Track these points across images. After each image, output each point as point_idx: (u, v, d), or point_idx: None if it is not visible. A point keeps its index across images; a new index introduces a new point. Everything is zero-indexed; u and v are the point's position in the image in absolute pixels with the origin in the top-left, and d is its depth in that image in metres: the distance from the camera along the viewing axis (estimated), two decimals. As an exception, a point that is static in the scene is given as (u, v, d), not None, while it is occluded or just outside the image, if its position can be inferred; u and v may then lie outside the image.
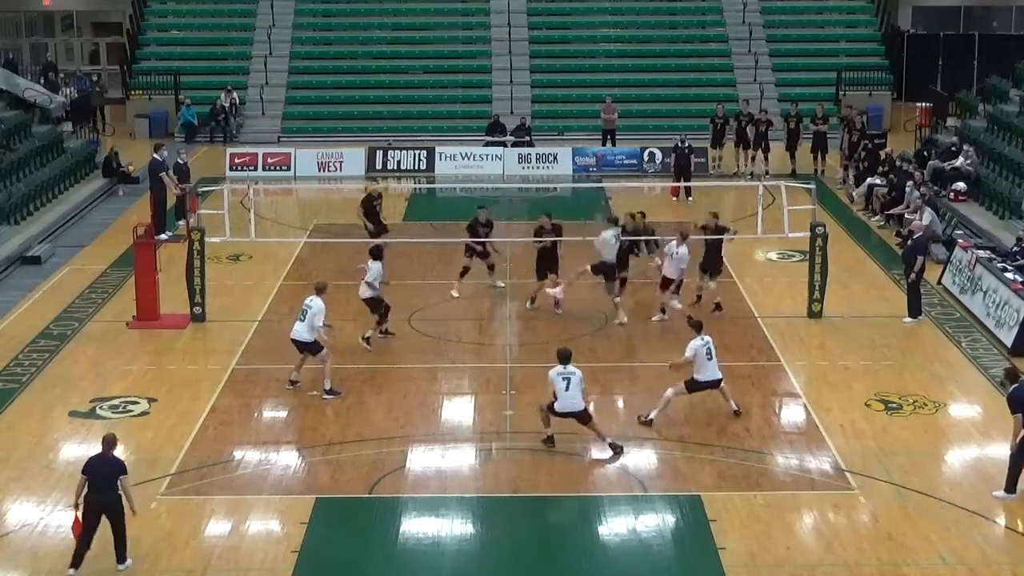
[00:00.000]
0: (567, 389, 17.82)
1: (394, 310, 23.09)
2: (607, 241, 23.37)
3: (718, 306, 23.76)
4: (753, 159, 36.03)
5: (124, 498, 14.62)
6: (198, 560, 15.06)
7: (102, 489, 14.49)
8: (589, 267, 23.51)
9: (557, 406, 17.94)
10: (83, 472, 14.67)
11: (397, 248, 26.82)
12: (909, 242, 24.07)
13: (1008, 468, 16.46)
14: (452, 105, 43.48)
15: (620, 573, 15.10)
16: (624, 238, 23.90)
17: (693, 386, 19.02)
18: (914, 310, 23.40)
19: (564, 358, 17.96)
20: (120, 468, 14.66)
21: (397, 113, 43.06)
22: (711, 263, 23.93)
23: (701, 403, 19.66)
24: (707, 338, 18.99)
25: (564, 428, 18.61)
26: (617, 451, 17.83)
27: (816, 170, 35.99)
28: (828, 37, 46.52)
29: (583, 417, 17.97)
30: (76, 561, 14.53)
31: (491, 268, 25.27)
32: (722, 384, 19.11)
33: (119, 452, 15.15)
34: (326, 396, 19.89)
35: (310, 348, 20.03)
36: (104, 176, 35.28)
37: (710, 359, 18.84)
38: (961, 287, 24.71)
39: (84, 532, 14.55)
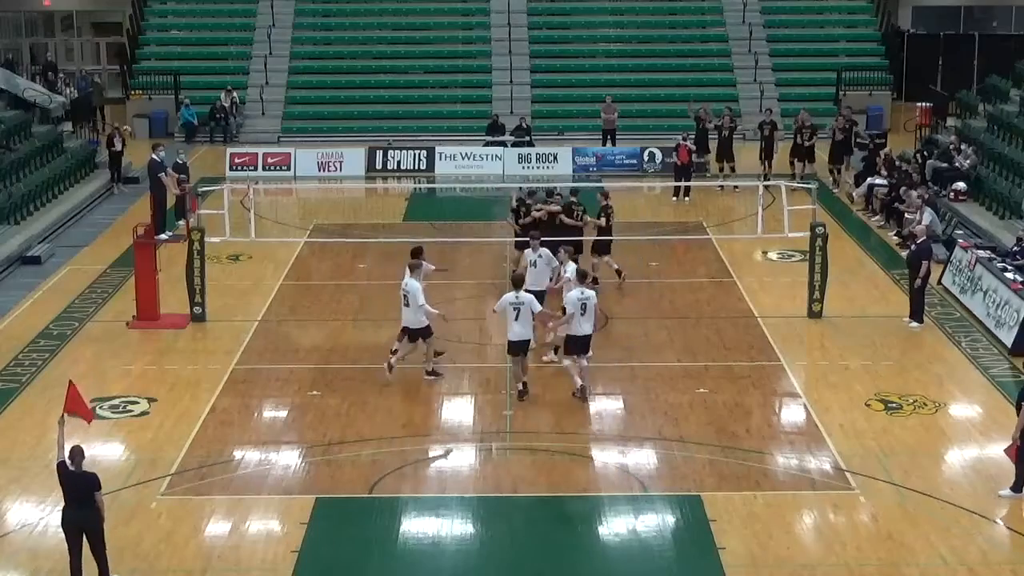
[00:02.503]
0: (516, 319, 19.02)
1: (394, 310, 23.08)
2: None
3: (619, 272, 25.11)
4: (733, 169, 35.41)
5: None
6: (198, 560, 15.07)
7: (80, 504, 14.12)
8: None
9: (509, 335, 19.17)
10: (59, 472, 14.18)
11: (397, 248, 26.80)
12: (913, 247, 23.99)
13: (1016, 467, 16.41)
14: (452, 105, 43.47)
15: (620, 573, 15.10)
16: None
17: (568, 344, 19.58)
18: (918, 315, 23.29)
19: (517, 283, 19.31)
20: (96, 483, 14.21)
21: (397, 113, 43.06)
22: (604, 244, 25.09)
23: (701, 402, 19.70)
24: (588, 292, 19.59)
25: (562, 428, 18.64)
26: (522, 395, 19.19)
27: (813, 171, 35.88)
28: (828, 37, 46.49)
29: (526, 348, 19.28)
30: (105, 571, 14.23)
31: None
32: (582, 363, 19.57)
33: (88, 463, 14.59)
34: (427, 378, 20.44)
35: (422, 333, 20.30)
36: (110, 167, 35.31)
37: (584, 314, 19.36)
38: (961, 287, 24.70)
39: (73, 559, 14.15)
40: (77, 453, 14.25)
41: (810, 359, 21.85)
